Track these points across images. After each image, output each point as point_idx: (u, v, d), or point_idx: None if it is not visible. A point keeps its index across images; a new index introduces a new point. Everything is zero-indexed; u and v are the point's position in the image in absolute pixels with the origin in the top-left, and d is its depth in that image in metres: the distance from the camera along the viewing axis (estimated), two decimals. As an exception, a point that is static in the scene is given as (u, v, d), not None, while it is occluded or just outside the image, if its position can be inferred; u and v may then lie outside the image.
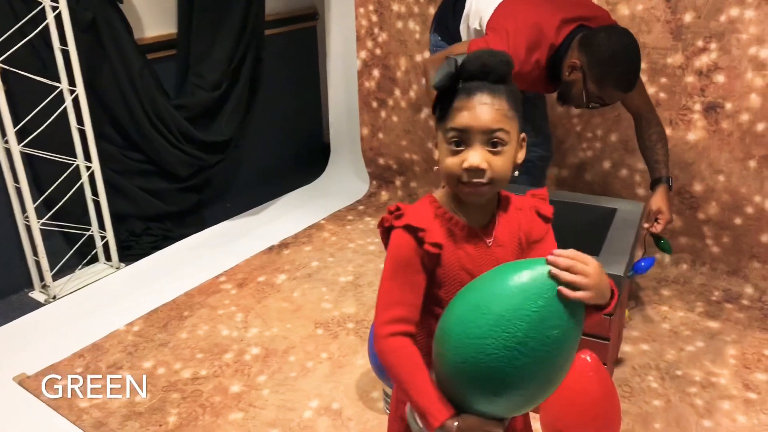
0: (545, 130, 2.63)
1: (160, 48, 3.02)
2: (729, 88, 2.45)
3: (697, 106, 2.53)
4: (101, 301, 2.69)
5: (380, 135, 3.47)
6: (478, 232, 1.09)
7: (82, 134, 2.69)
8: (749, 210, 2.55)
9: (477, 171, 1.01)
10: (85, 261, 2.88)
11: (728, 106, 2.47)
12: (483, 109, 1.01)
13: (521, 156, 1.08)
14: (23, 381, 2.20)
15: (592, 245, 1.99)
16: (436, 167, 1.08)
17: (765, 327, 2.41)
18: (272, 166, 3.84)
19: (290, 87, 3.85)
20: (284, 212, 3.48)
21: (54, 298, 2.69)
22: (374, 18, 3.25)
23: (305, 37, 3.94)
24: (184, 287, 2.74)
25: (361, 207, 3.51)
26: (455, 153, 1.03)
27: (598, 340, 1.85)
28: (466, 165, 1.01)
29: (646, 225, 2.18)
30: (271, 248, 3.07)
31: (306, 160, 4.08)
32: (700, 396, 2.07)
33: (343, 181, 3.76)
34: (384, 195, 3.57)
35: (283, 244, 3.11)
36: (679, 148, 2.61)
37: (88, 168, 2.74)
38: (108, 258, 2.95)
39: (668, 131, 2.64)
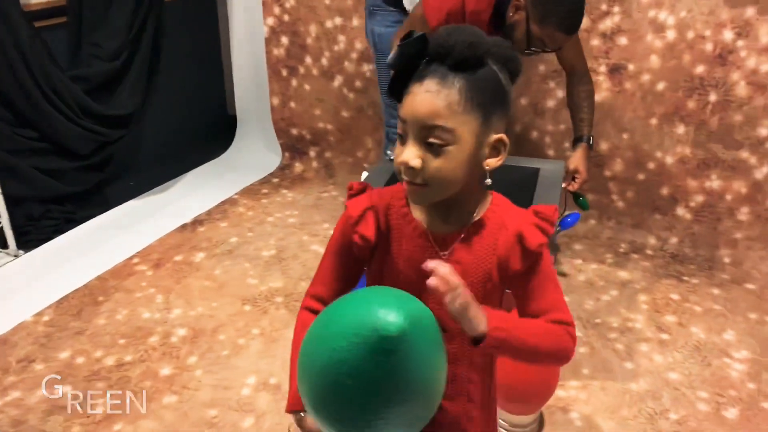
0: None
1: (47, 15, 2.76)
2: (631, 50, 2.58)
3: (602, 68, 2.65)
4: (4, 290, 2.47)
5: (292, 104, 3.39)
6: (432, 238, 0.95)
7: (-34, 110, 2.44)
8: (651, 165, 2.72)
9: (409, 170, 0.88)
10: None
11: (631, 67, 2.61)
12: (423, 98, 0.85)
13: (494, 162, 0.91)
14: None
15: (521, 204, 2.05)
16: None
17: (669, 273, 2.60)
18: (175, 141, 3.65)
19: (191, 58, 3.66)
20: (193, 189, 3.34)
21: (-55, 291, 2.44)
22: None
23: (204, 4, 3.75)
24: (94, 271, 2.57)
25: (275, 180, 3.43)
26: (400, 145, 0.89)
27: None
28: (397, 161, 0.88)
29: (563, 184, 2.27)
30: (184, 226, 2.94)
31: (210, 133, 3.91)
32: (619, 341, 2.21)
33: (253, 154, 3.65)
34: (298, 166, 3.50)
35: (197, 221, 2.98)
36: (586, 108, 2.73)
37: (-24, 148, 2.49)
38: (3, 245, 2.71)
39: (576, 93, 2.75)
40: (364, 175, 2.23)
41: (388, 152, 2.40)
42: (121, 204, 3.11)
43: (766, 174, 2.55)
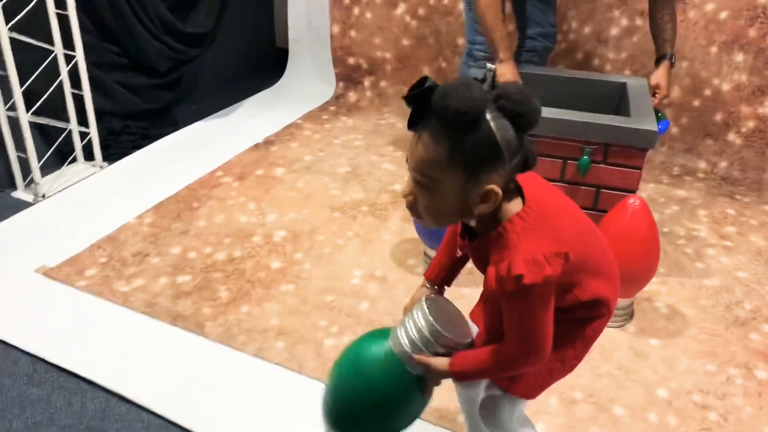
0: (553, 22, 2.70)
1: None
2: (697, -21, 2.72)
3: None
4: (95, 198, 2.58)
5: (352, 33, 3.48)
6: (462, 234, 1.11)
7: (62, 20, 2.49)
8: (707, 92, 2.88)
9: (405, 198, 1.01)
10: (69, 160, 2.72)
11: (696, -4, 2.75)
12: (417, 149, 0.95)
13: (483, 209, 0.97)
14: (48, 272, 2.11)
15: (620, 111, 2.20)
16: None
17: (722, 193, 2.78)
18: (230, 68, 3.73)
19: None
20: (253, 114, 3.43)
21: (43, 197, 2.54)
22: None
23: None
24: (182, 182, 2.68)
25: (332, 108, 3.53)
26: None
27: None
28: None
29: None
30: (257, 145, 3.05)
31: (260, 63, 3.99)
32: (688, 246, 2.39)
33: (306, 84, 3.74)
34: (352, 96, 3.61)
35: (269, 142, 3.09)
36: (648, 37, 2.85)
37: (69, 58, 2.56)
38: (88, 157, 2.80)
39: (638, 22, 2.89)
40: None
41: (470, 66, 2.50)
42: (189, 125, 3.21)
43: (817, 100, 2.73)
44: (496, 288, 0.98)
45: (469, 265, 1.19)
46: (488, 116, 0.92)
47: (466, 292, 2.04)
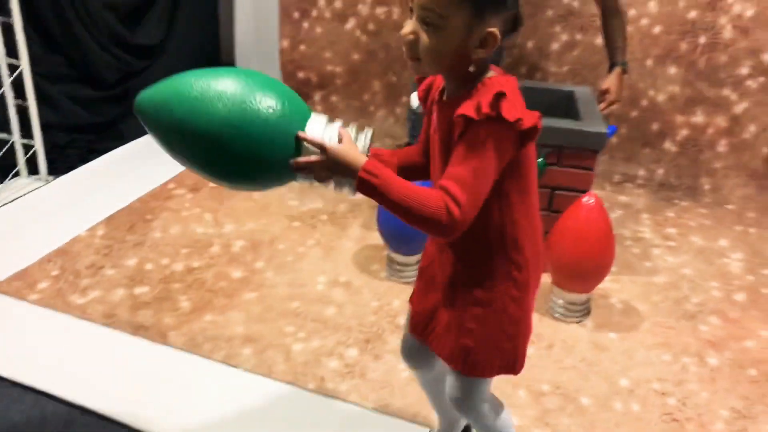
0: None
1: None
2: (632, -4, 2.89)
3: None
4: (43, 212, 2.48)
5: (302, 47, 3.50)
6: (440, 103, 1.09)
7: (5, 29, 2.41)
8: (644, 103, 3.04)
9: (406, 40, 0.99)
10: (12, 174, 2.61)
11: (631, 12, 2.91)
12: None
13: (481, 53, 0.99)
14: (-4, 287, 2.02)
15: (570, 117, 2.30)
16: None
17: (661, 198, 2.93)
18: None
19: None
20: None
21: (-15, 211, 2.43)
22: None
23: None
24: (133, 195, 2.62)
25: (282, 121, 3.53)
26: (408, 18, 1.00)
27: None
28: (401, 32, 1.00)
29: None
30: (208, 158, 3.01)
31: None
32: (635, 247, 2.50)
33: (255, 99, 3.72)
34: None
35: (220, 154, 3.06)
36: (588, 51, 3.02)
37: (13, 67, 2.47)
38: (32, 171, 2.69)
39: (578, 36, 3.03)
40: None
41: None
42: (135, 138, 3.14)
43: (743, 109, 2.92)
44: (459, 122, 0.96)
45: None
46: None
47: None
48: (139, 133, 3.18)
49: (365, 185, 0.97)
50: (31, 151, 2.64)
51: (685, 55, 2.91)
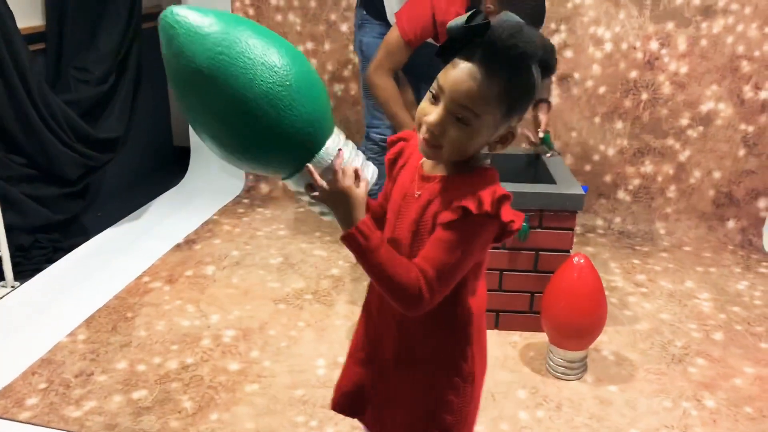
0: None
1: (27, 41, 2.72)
2: (576, 61, 3.08)
3: (552, 78, 3.12)
4: (15, 320, 2.36)
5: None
6: (421, 177, 1.07)
7: (-34, 135, 2.34)
8: (596, 157, 3.22)
9: (431, 129, 0.98)
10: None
11: (576, 75, 3.11)
12: (466, 81, 0.94)
13: (499, 148, 1.03)
14: (-20, 409, 1.90)
15: (537, 180, 2.40)
16: None
17: (623, 245, 3.08)
18: (132, 171, 3.62)
19: (149, 87, 3.66)
20: (165, 214, 3.33)
21: (-48, 326, 2.29)
22: (251, 12, 3.31)
23: (148, 38, 3.79)
24: (109, 293, 2.53)
25: (245, 201, 3.52)
26: (430, 102, 1.00)
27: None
28: (424, 117, 0.99)
29: (529, 134, 2.53)
30: (179, 246, 2.95)
31: (159, 164, 3.91)
32: (612, 296, 2.61)
33: (213, 180, 3.69)
34: (264, 187, 3.62)
35: (190, 241, 3.01)
36: (540, 113, 3.18)
37: (-25, 173, 2.39)
38: (-2, 278, 2.57)
39: (530, 100, 3.20)
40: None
41: (368, 147, 2.61)
42: (99, 232, 3.05)
43: (687, 156, 3.14)
44: (457, 211, 0.96)
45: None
46: (533, 66, 0.96)
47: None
48: (102, 227, 3.11)
49: (352, 241, 0.98)
50: (-4, 258, 2.53)
51: (630, 110, 3.11)
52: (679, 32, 2.97)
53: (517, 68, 0.94)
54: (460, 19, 0.95)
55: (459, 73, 0.95)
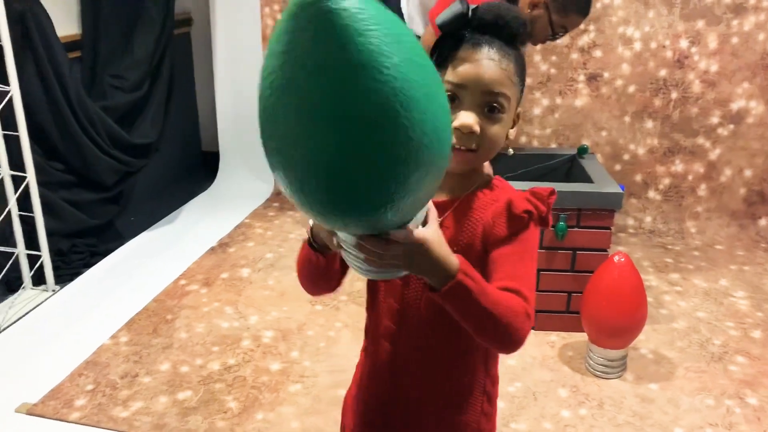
0: None
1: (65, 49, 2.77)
2: (605, 60, 3.09)
3: (582, 77, 3.13)
4: (59, 324, 2.40)
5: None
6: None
7: (9, 141, 2.39)
8: (626, 157, 3.21)
9: (468, 134, 0.88)
10: (21, 286, 2.54)
11: (605, 74, 3.11)
12: (489, 65, 0.88)
13: (513, 133, 0.96)
14: (32, 410, 1.93)
15: (571, 179, 2.41)
16: None
17: (655, 245, 3.07)
18: (163, 177, 3.67)
19: (182, 94, 3.71)
20: (197, 219, 3.37)
21: (-2, 329, 2.34)
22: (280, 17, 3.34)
23: (178, 45, 3.84)
24: (148, 296, 2.57)
25: (275, 204, 3.55)
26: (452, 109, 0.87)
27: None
28: (456, 124, 0.87)
29: None
30: (213, 249, 2.99)
31: (189, 170, 3.96)
32: (648, 295, 2.59)
33: (243, 185, 3.73)
34: (292, 191, 3.64)
35: (224, 244, 3.05)
36: (568, 113, 3.19)
37: (17, 180, 2.43)
38: (38, 282, 2.62)
39: (558, 100, 3.21)
40: None
41: None
42: (134, 237, 3.10)
43: (718, 155, 3.13)
44: (500, 229, 0.89)
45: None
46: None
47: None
48: (135, 231, 3.15)
49: (460, 289, 0.78)
50: (39, 262, 2.57)
51: (660, 110, 3.11)
52: (709, 30, 2.96)
53: (522, 39, 0.93)
54: (447, 15, 0.90)
55: (478, 61, 0.88)
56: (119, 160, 2.81)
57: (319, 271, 0.92)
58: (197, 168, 4.00)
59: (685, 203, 3.22)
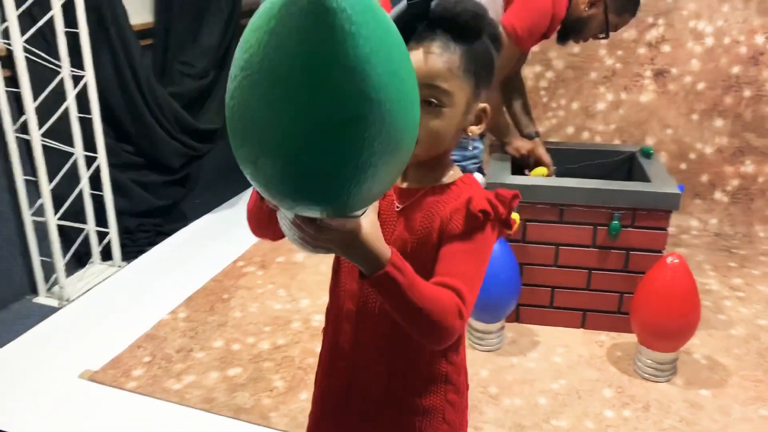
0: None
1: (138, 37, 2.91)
2: (674, 55, 2.99)
3: (648, 73, 3.04)
4: (123, 297, 2.54)
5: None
6: (397, 191, 0.96)
7: (83, 123, 2.53)
8: (692, 156, 3.11)
9: None
10: (88, 261, 2.70)
11: (674, 70, 3.01)
12: (427, 58, 0.88)
13: (476, 129, 0.95)
14: (93, 376, 2.06)
15: (631, 178, 2.36)
16: None
17: (719, 248, 2.96)
18: (227, 161, 3.78)
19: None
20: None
21: (67, 300, 2.49)
22: None
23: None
24: (207, 275, 2.68)
25: (333, 192, 3.61)
26: None
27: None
28: None
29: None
30: (270, 233, 3.08)
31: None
32: (705, 299, 2.51)
33: (303, 171, 3.82)
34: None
35: (281, 229, 3.13)
36: (633, 109, 3.11)
37: (90, 160, 2.58)
38: (106, 257, 2.77)
39: (623, 96, 3.13)
40: (480, 178, 2.38)
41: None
42: (197, 218, 3.23)
43: (793, 157, 2.99)
44: (456, 226, 0.89)
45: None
46: (483, 34, 0.92)
47: (518, 360, 2.08)
48: (199, 213, 3.28)
49: (387, 281, 0.80)
50: (107, 239, 2.72)
51: (731, 108, 2.99)
52: (788, 26, 2.83)
53: (473, 33, 0.89)
54: (399, 8, 0.89)
55: (416, 55, 0.88)
56: (186, 145, 2.93)
57: (265, 217, 0.92)
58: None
59: (754, 206, 3.09)
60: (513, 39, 2.11)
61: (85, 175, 2.57)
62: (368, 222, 0.79)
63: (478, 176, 1.06)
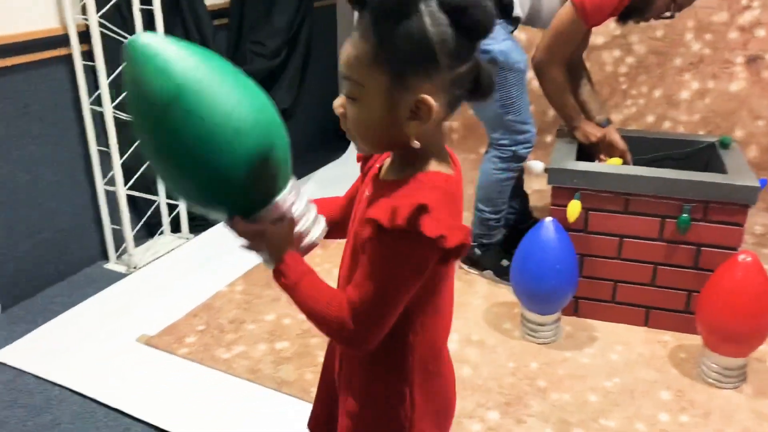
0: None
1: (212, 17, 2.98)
2: (769, 41, 2.77)
3: (739, 59, 2.83)
4: (186, 268, 2.63)
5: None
6: (375, 177, 0.95)
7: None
8: (786, 150, 2.87)
9: (342, 115, 0.88)
10: (159, 232, 2.81)
11: (768, 57, 2.79)
12: (344, 47, 0.84)
13: (414, 126, 0.83)
14: (149, 341, 2.14)
15: (709, 169, 2.20)
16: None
17: (811, 251, 2.72)
18: (297, 143, 3.83)
19: (318, 64, 3.86)
20: (325, 185, 3.51)
21: (135, 268, 2.60)
22: None
23: (321, 17, 3.98)
24: (267, 251, 2.73)
25: (401, 176, 3.60)
26: None
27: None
28: None
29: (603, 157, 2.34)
30: (333, 214, 3.10)
31: (320, 137, 4.11)
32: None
33: (373, 155, 3.82)
34: (420, 164, 3.67)
35: (344, 210, 3.15)
36: (721, 98, 2.90)
37: (162, 134, 2.68)
38: (175, 229, 2.87)
39: (710, 84, 2.93)
40: (539, 165, 2.29)
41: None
42: (265, 196, 3.29)
43: None
44: (371, 225, 0.81)
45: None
46: (422, 8, 0.79)
47: (570, 354, 1.99)
48: (267, 191, 3.34)
49: (276, 279, 0.94)
50: (175, 212, 2.81)
51: (833, 99, 2.73)
52: None
53: (387, 17, 0.79)
54: None
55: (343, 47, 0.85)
56: (254, 123, 2.97)
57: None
58: (330, 139, 4.13)
59: None
60: (580, 14, 2.01)
61: (156, 148, 2.67)
62: (275, 227, 0.93)
63: (534, 164, 1.01)
